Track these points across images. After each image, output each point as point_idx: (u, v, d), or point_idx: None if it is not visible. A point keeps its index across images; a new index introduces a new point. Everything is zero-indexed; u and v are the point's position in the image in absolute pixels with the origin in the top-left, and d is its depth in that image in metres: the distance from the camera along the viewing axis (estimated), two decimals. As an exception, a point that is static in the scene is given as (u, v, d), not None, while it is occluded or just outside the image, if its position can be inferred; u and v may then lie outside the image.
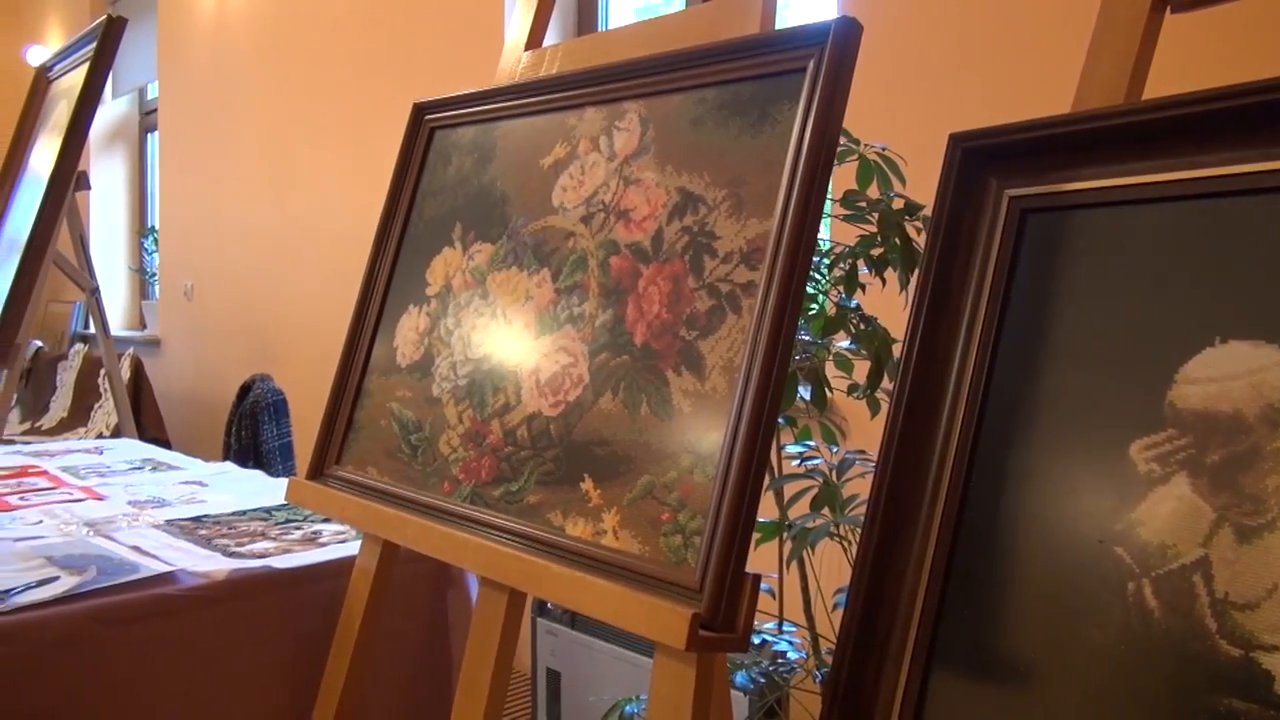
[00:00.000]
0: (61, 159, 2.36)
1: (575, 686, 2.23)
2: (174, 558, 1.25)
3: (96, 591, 1.11)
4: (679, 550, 0.86)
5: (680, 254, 0.95)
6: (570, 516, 0.97)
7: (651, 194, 1.00)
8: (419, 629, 1.40)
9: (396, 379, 1.24)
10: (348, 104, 3.39)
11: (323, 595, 1.27)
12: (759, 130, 0.92)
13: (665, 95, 1.02)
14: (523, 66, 1.27)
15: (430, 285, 1.24)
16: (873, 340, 1.27)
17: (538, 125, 1.17)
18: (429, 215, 1.28)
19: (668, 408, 0.92)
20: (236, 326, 4.11)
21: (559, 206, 1.10)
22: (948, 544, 0.83)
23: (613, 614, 0.86)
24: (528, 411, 1.05)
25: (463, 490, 1.09)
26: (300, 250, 3.66)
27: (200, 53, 4.36)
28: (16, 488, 1.67)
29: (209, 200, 4.32)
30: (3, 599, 1.07)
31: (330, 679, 1.23)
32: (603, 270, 1.02)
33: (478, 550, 1.01)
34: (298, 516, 1.51)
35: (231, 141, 4.13)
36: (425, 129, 1.32)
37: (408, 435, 1.19)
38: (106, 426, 4.02)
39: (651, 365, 0.94)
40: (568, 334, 1.04)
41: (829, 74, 0.85)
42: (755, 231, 0.89)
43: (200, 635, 1.17)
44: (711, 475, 0.85)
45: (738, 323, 0.88)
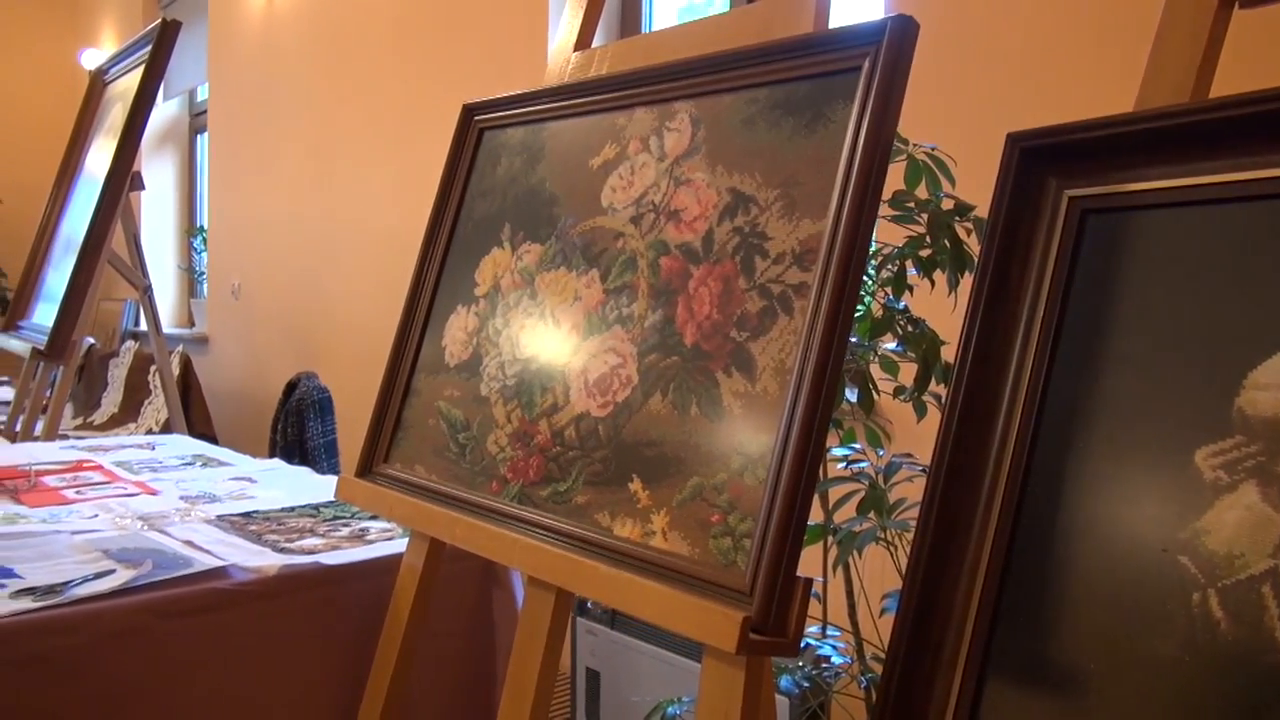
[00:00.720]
0: (117, 160, 2.41)
1: (614, 686, 2.24)
2: (226, 553, 1.27)
3: (152, 585, 1.13)
4: (728, 553, 0.86)
5: (731, 255, 0.95)
6: (618, 517, 0.96)
7: (702, 194, 1.00)
8: (464, 627, 1.40)
9: (445, 378, 1.25)
10: (392, 106, 3.43)
11: (370, 592, 1.28)
12: (812, 130, 0.91)
13: (716, 95, 1.02)
14: (571, 67, 1.27)
15: (479, 285, 1.25)
16: (921, 342, 1.26)
17: (587, 126, 1.17)
18: (478, 216, 1.29)
19: (718, 409, 0.91)
20: (282, 325, 4.17)
21: (608, 207, 1.10)
22: (1003, 550, 0.82)
23: (661, 615, 0.85)
24: (576, 412, 1.05)
25: (510, 489, 1.10)
26: (345, 250, 3.70)
27: (249, 56, 4.43)
28: (72, 481, 1.71)
29: (257, 200, 4.38)
30: (62, 591, 1.10)
31: (377, 675, 1.24)
32: (652, 271, 1.02)
33: (526, 550, 1.01)
34: (345, 513, 1.53)
35: (279, 143, 4.19)
36: (474, 130, 1.33)
37: (456, 434, 1.20)
38: (156, 422, 4.10)
39: (701, 366, 0.94)
40: (616, 335, 1.04)
41: (885, 73, 0.84)
42: (808, 232, 0.89)
43: (251, 629, 1.18)
44: (762, 478, 0.85)
45: (789, 324, 0.87)
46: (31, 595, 1.08)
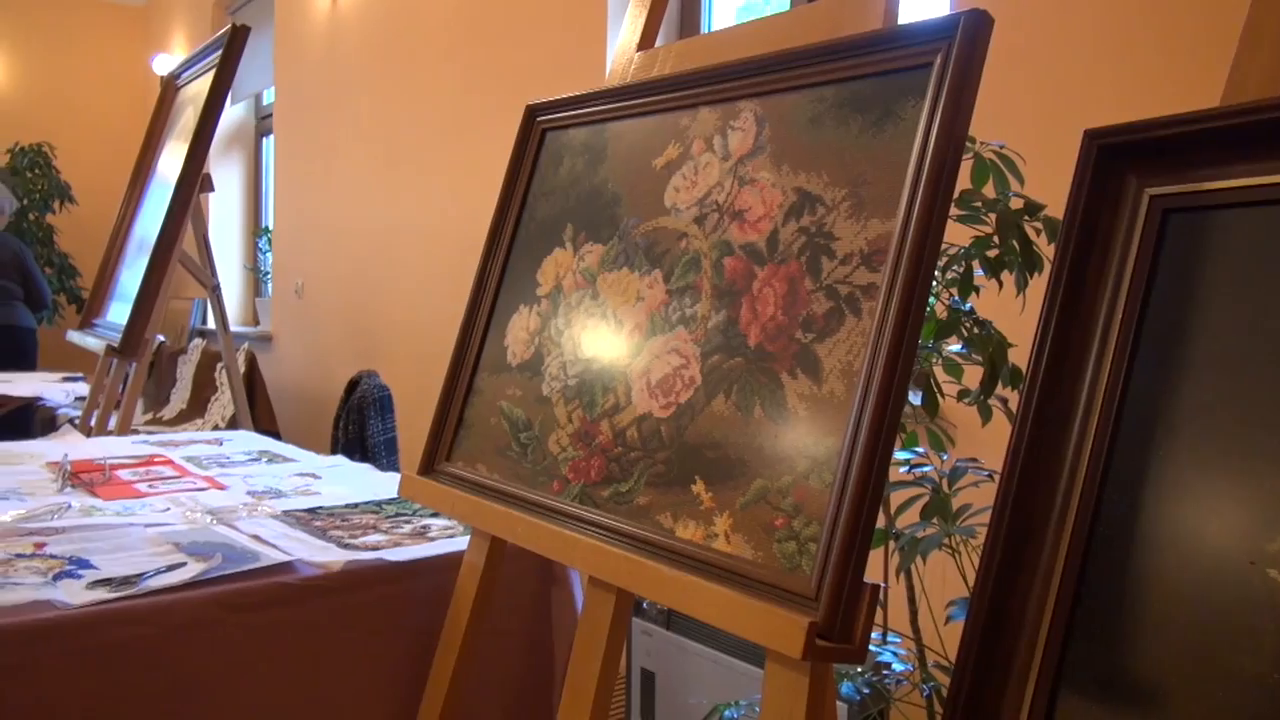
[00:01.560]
0: (188, 162, 2.47)
1: (669, 687, 2.23)
2: (292, 547, 1.29)
3: (221, 578, 1.16)
4: (793, 557, 0.85)
5: (797, 255, 0.94)
6: (681, 519, 0.96)
7: (767, 194, 0.99)
8: (523, 625, 1.41)
9: (506, 377, 1.25)
10: (452, 108, 3.46)
11: (431, 589, 1.30)
12: (881, 128, 0.90)
13: (782, 94, 1.01)
14: (634, 67, 1.27)
15: (541, 285, 1.25)
16: (987, 345, 1.23)
17: (650, 126, 1.17)
18: (540, 216, 1.29)
19: (782, 411, 0.90)
20: (344, 324, 4.24)
21: (671, 207, 1.10)
22: (1078, 559, 0.80)
23: (724, 619, 0.85)
24: (638, 412, 1.05)
25: (572, 489, 1.10)
26: (405, 251, 3.75)
27: (314, 60, 4.51)
28: (145, 476, 1.75)
29: (320, 201, 4.47)
30: (136, 582, 1.13)
31: (438, 672, 1.25)
32: (716, 271, 1.02)
33: (588, 550, 1.01)
34: (407, 510, 1.55)
35: (342, 145, 4.26)
36: (537, 130, 1.33)
37: (517, 433, 1.20)
38: (222, 418, 4.20)
39: (766, 368, 0.93)
40: (679, 335, 1.03)
41: (957, 69, 0.82)
42: (876, 232, 0.87)
43: (316, 623, 1.20)
44: (829, 481, 0.83)
45: (857, 325, 0.86)
46: (107, 586, 1.11)
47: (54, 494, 1.57)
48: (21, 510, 1.44)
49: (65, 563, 1.19)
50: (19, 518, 1.39)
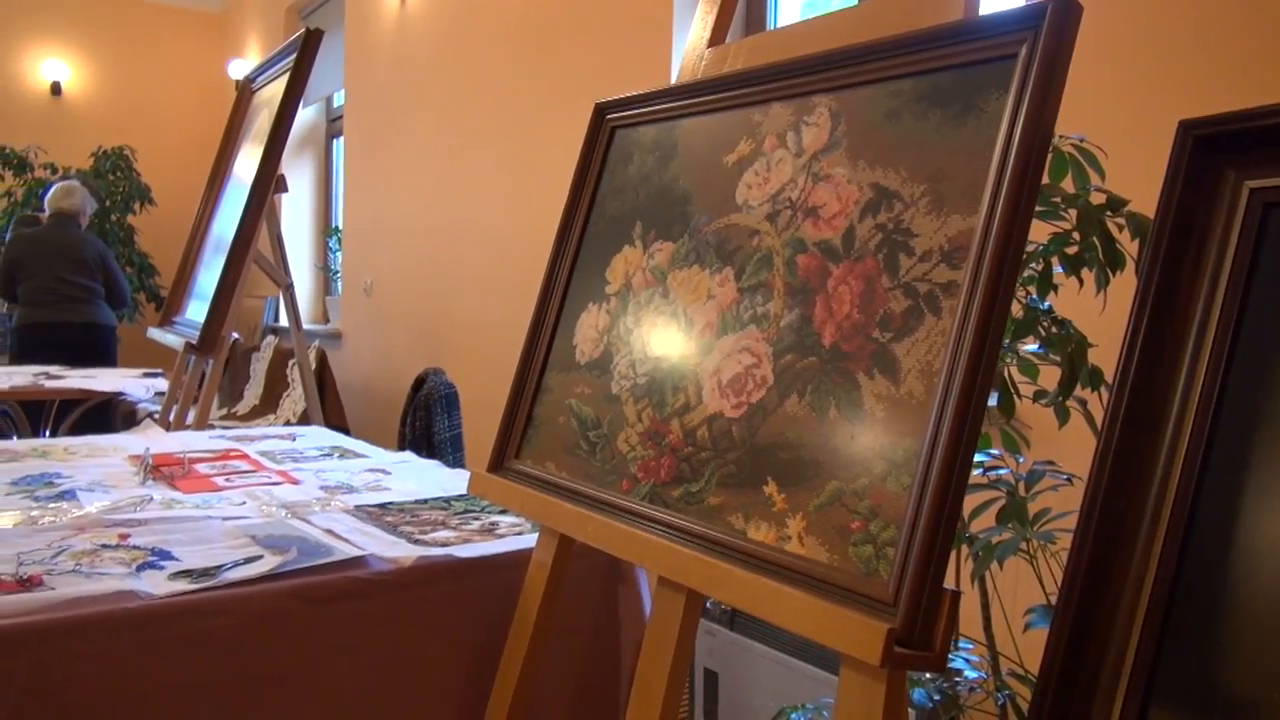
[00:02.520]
0: (263, 164, 2.53)
1: (732, 687, 2.22)
2: (364, 542, 1.31)
3: (296, 571, 1.18)
4: (869, 561, 0.83)
5: (873, 252, 0.92)
6: (752, 520, 0.95)
7: (842, 190, 0.97)
8: (590, 623, 1.41)
9: (575, 376, 1.25)
10: (518, 108, 3.49)
11: (500, 586, 1.30)
12: (962, 122, 0.87)
13: (857, 88, 0.99)
14: (705, 64, 1.26)
15: (610, 283, 1.25)
16: (1066, 345, 1.20)
17: (721, 122, 1.16)
18: (609, 214, 1.29)
19: (858, 412, 0.88)
20: (412, 322, 4.30)
21: (743, 204, 1.08)
22: (1170, 568, 0.77)
23: (799, 623, 0.83)
24: (708, 412, 1.04)
25: (641, 489, 1.09)
26: (472, 250, 3.79)
27: (382, 63, 4.59)
28: (222, 469, 1.79)
29: (389, 202, 4.54)
30: (215, 574, 1.15)
31: (506, 668, 1.26)
32: (789, 269, 1.00)
33: (658, 550, 1.00)
34: (475, 507, 1.56)
35: (410, 146, 4.33)
36: (606, 129, 1.33)
37: (586, 432, 1.20)
38: (293, 414, 4.29)
39: (841, 367, 0.91)
40: (751, 334, 1.02)
41: (1044, 59, 0.80)
42: (957, 229, 0.85)
43: (387, 617, 1.22)
44: (907, 484, 0.81)
45: (937, 325, 0.84)
46: (188, 577, 1.14)
47: (136, 486, 1.62)
48: (106, 502, 1.48)
49: (148, 554, 1.22)
50: (104, 509, 1.44)
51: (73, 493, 1.54)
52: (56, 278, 4.29)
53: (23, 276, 4.28)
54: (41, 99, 6.56)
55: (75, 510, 1.42)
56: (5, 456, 1.84)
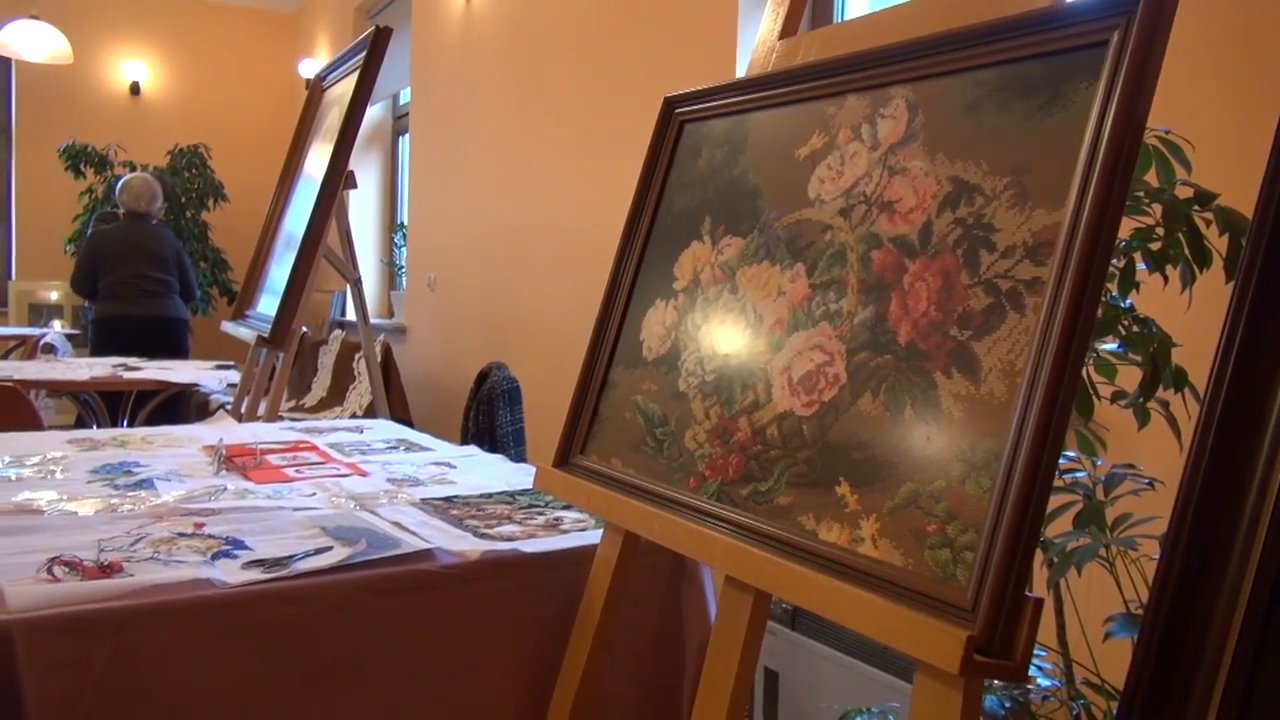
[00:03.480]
0: (333, 159, 2.57)
1: (793, 687, 2.20)
2: (431, 535, 1.32)
3: (365, 563, 1.19)
4: (946, 565, 0.80)
5: (952, 248, 0.89)
6: (824, 521, 0.93)
7: (919, 184, 0.95)
8: (654, 620, 1.40)
9: (642, 372, 1.24)
10: (582, 106, 3.49)
11: (564, 581, 1.30)
12: (1049, 112, 0.84)
13: (937, 79, 0.96)
14: (776, 56, 1.24)
15: (678, 279, 1.23)
16: (1148, 344, 1.15)
17: (793, 115, 1.14)
18: (677, 209, 1.28)
19: (935, 412, 0.86)
20: (475, 317, 4.35)
21: (815, 199, 1.06)
22: (1270, 580, 0.73)
23: (873, 627, 0.81)
24: (778, 410, 1.02)
25: (709, 487, 1.08)
26: (535, 246, 3.81)
27: (448, 60, 4.64)
28: (292, 461, 1.83)
29: (453, 198, 4.59)
30: (287, 564, 1.17)
31: (570, 664, 1.26)
32: (863, 265, 0.98)
33: (726, 549, 0.99)
34: (540, 502, 1.56)
35: (474, 143, 4.36)
36: (675, 123, 1.32)
37: (653, 429, 1.19)
38: (360, 407, 4.37)
39: (917, 366, 0.89)
40: (823, 331, 1.00)
41: (1138, 46, 0.76)
42: (1043, 223, 0.82)
43: (454, 610, 1.22)
44: (987, 487, 0.79)
45: (1020, 323, 0.81)
46: (261, 567, 1.16)
47: (211, 476, 1.66)
48: (182, 491, 1.52)
49: (222, 543, 1.25)
50: (180, 498, 1.47)
51: (150, 481, 1.58)
52: (137, 273, 4.42)
53: (104, 271, 4.43)
54: (121, 99, 6.77)
55: (153, 499, 1.46)
56: (86, 445, 1.90)
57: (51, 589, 1.04)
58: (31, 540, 1.21)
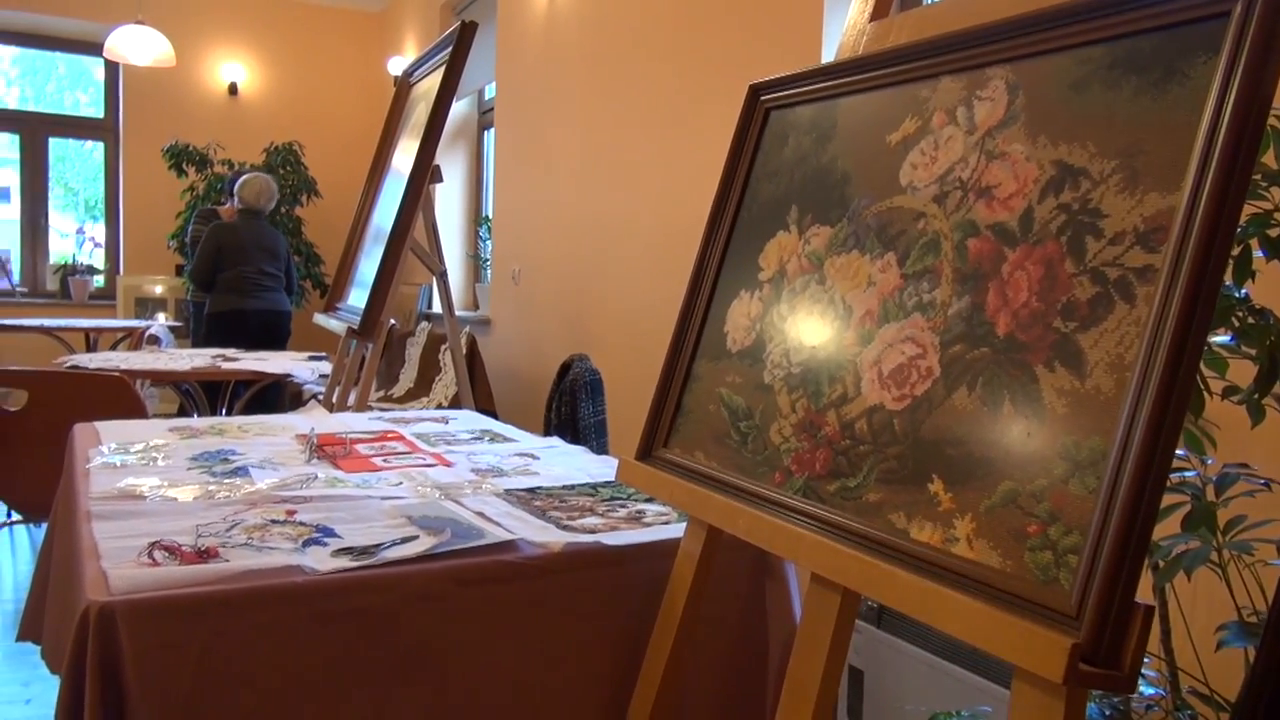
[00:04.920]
0: (420, 154, 2.60)
1: (878, 687, 2.15)
2: (514, 526, 1.32)
3: (450, 553, 1.20)
4: (1048, 568, 0.77)
5: (1055, 235, 0.85)
6: (916, 519, 0.90)
7: (1019, 168, 0.90)
8: (737, 616, 1.38)
9: (726, 364, 1.22)
10: (664, 96, 3.48)
11: (647, 574, 1.29)
12: (1163, 90, 0.79)
13: (1039, 57, 0.92)
14: (866, 39, 1.20)
15: (763, 270, 1.21)
16: (1264, 336, 1.09)
17: (884, 99, 1.10)
18: (763, 198, 1.25)
19: (1036, 407, 0.82)
20: (558, 309, 4.37)
21: (908, 185, 1.03)
22: None
23: (969, 631, 0.78)
24: (868, 404, 0.99)
25: (795, 482, 1.05)
26: (618, 239, 3.81)
27: (532, 54, 4.67)
28: (380, 450, 1.86)
29: (537, 191, 4.62)
30: (375, 552, 1.19)
31: (652, 658, 1.25)
32: (958, 254, 0.94)
33: (813, 547, 0.96)
34: (622, 494, 1.55)
35: (558, 136, 4.39)
36: (760, 110, 1.29)
37: (737, 422, 1.17)
38: (445, 397, 4.44)
39: (1017, 359, 0.85)
40: (915, 323, 0.96)
41: (1265, 16, 0.71)
42: (1155, 208, 0.77)
43: (536, 601, 1.23)
44: (1093, 487, 0.75)
45: (1130, 314, 0.76)
46: (349, 555, 1.18)
47: (302, 465, 1.70)
48: (275, 479, 1.56)
49: (313, 530, 1.27)
50: (274, 486, 1.51)
51: (246, 469, 1.63)
52: (255, 268, 4.59)
53: (224, 265, 4.59)
54: (220, 99, 7.02)
55: (248, 486, 1.50)
56: (186, 433, 1.97)
57: (152, 573, 1.07)
58: (134, 525, 1.26)
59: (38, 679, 2.53)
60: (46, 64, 7.43)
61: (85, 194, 7.59)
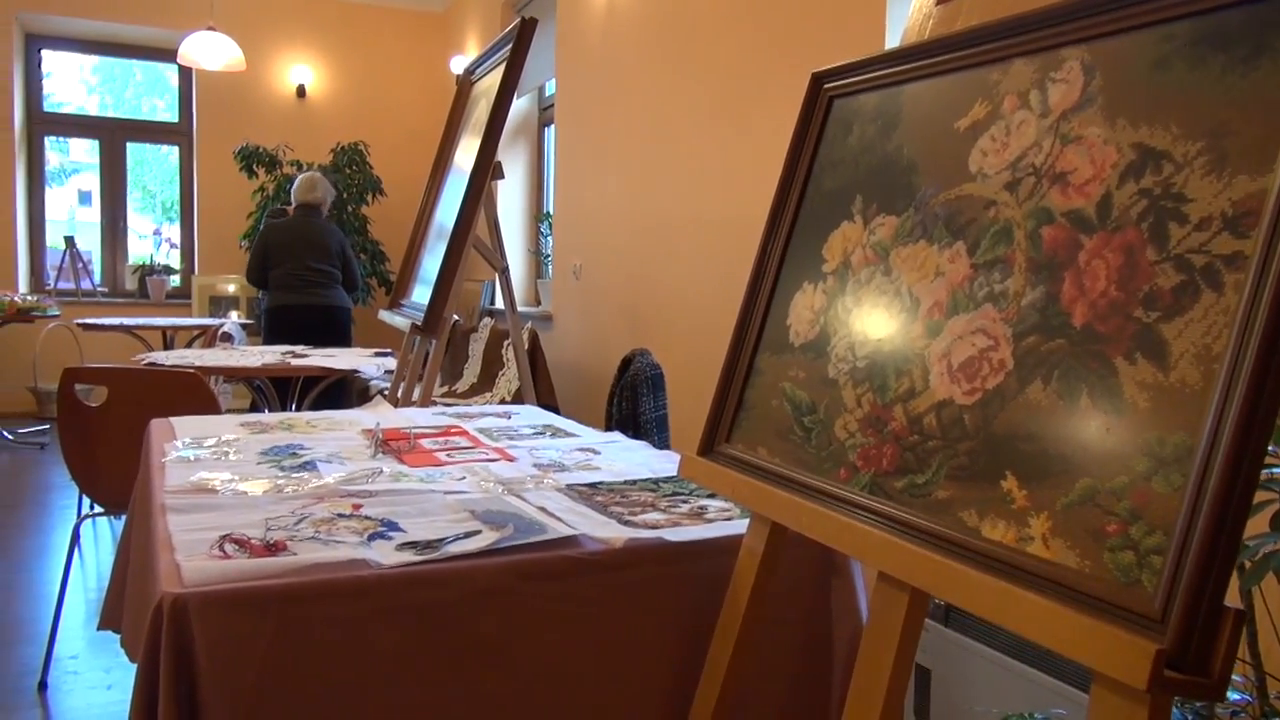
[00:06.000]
0: (482, 150, 2.62)
1: (946, 686, 2.11)
2: (576, 521, 1.32)
3: (513, 547, 1.20)
4: (1130, 570, 0.73)
5: (1135, 221, 0.81)
6: (988, 517, 0.87)
7: (1097, 152, 0.87)
8: (801, 614, 1.36)
9: (789, 358, 1.20)
10: (727, 89, 3.45)
11: (709, 571, 1.28)
12: (1252, 66, 0.75)
13: (1117, 36, 0.88)
14: (933, 23, 1.16)
15: (827, 261, 1.19)
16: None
17: (952, 84, 1.07)
18: (826, 188, 1.22)
19: (1117, 401, 0.79)
20: (618, 304, 4.38)
21: (977, 173, 0.99)
22: None
23: (1045, 634, 0.75)
24: (937, 398, 0.96)
25: (861, 478, 1.03)
26: (678, 234, 3.80)
27: (592, 51, 4.67)
28: (444, 445, 1.88)
29: (597, 187, 4.63)
30: (438, 547, 1.19)
31: (715, 656, 1.23)
32: (1032, 242, 0.91)
33: (880, 545, 0.94)
34: (684, 489, 1.54)
35: (618, 131, 4.38)
36: (823, 99, 1.27)
37: (800, 416, 1.15)
38: (508, 392, 4.48)
39: (1095, 351, 0.81)
40: (986, 314, 0.93)
41: (1366, -15, 0.67)
42: (1245, 191, 0.73)
43: (598, 597, 1.22)
44: (1178, 485, 0.71)
45: (1218, 302, 0.73)
46: (414, 549, 1.19)
47: (368, 460, 1.72)
48: (342, 473, 1.58)
49: (378, 524, 1.29)
50: (340, 480, 1.53)
51: (314, 463, 1.66)
52: (303, 265, 4.68)
53: (274, 263, 4.71)
54: (289, 102, 7.17)
55: (315, 480, 1.53)
56: (257, 428, 2.01)
57: (223, 565, 1.09)
58: (206, 518, 1.29)
59: (118, 665, 2.62)
60: (124, 72, 7.69)
61: (161, 196, 7.84)
